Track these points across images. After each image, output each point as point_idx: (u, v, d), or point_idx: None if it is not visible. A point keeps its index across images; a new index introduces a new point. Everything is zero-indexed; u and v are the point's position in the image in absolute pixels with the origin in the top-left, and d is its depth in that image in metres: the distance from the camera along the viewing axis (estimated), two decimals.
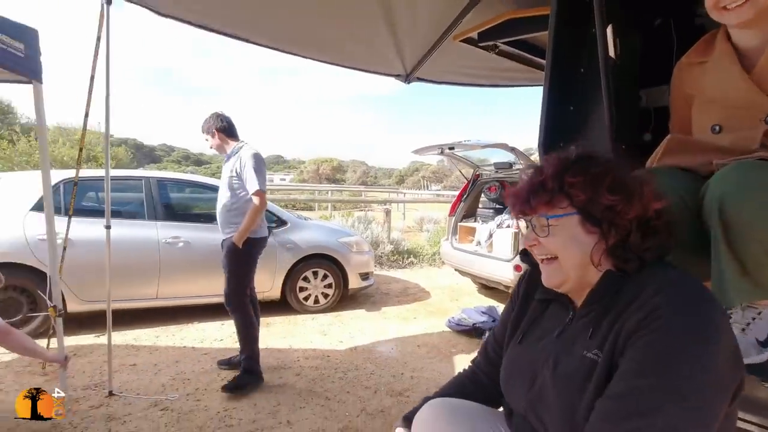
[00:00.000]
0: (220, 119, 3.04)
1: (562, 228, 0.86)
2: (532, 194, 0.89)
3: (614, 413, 0.71)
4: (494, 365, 1.09)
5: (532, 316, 1.01)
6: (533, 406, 0.89)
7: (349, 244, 4.90)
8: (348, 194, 21.82)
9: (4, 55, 1.88)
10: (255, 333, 3.04)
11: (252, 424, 2.45)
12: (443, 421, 0.98)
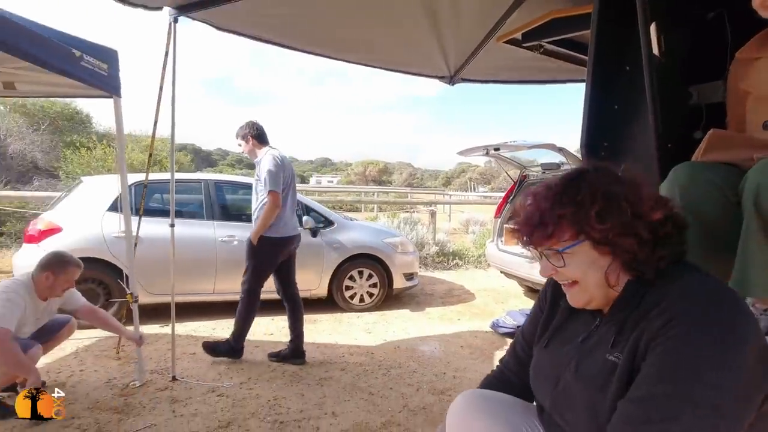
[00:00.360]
0: (255, 127, 3.25)
1: (576, 255, 0.87)
2: (534, 230, 0.90)
3: (635, 417, 0.73)
4: (523, 365, 1.12)
5: (559, 321, 1.03)
6: (557, 405, 0.92)
7: (394, 244, 4.98)
8: (394, 196, 21.96)
9: (93, 75, 2.13)
10: (250, 322, 3.37)
11: (299, 414, 2.58)
12: (476, 410, 1.02)
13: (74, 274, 2.54)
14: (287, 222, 3.24)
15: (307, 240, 4.51)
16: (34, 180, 8.73)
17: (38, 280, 2.44)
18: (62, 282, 2.48)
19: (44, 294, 2.48)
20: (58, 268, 2.46)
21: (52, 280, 2.44)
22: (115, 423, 2.40)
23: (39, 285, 2.44)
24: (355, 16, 2.70)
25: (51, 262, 2.47)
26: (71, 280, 2.54)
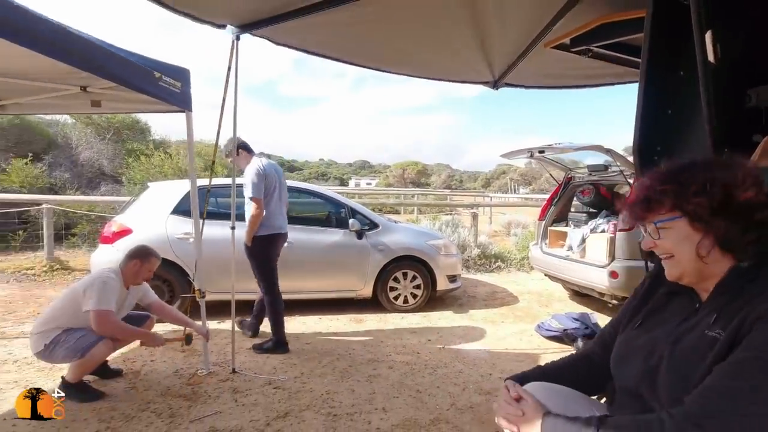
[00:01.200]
0: (239, 141, 3.49)
1: (671, 230, 0.97)
2: (637, 204, 1.02)
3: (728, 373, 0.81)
4: (607, 348, 1.18)
5: (655, 306, 1.11)
6: (649, 378, 0.98)
7: (438, 246, 5.04)
8: (433, 198, 21.91)
9: (169, 93, 2.36)
10: (281, 315, 3.62)
11: (351, 408, 2.70)
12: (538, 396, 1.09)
13: (155, 264, 2.89)
14: (273, 222, 3.58)
15: (352, 242, 4.67)
16: (101, 185, 9.46)
17: (126, 268, 2.79)
18: (145, 270, 2.81)
19: (129, 281, 2.81)
20: (144, 257, 2.82)
21: (138, 267, 2.80)
22: (185, 409, 2.61)
23: (126, 273, 2.78)
24: (401, 30, 2.80)
25: (138, 251, 2.84)
26: (152, 269, 2.87)
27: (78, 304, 2.60)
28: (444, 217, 10.89)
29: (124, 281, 2.78)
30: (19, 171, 8.54)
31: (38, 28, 1.73)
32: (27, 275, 6.15)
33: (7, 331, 3.93)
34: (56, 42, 1.80)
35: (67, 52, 1.87)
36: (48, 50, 1.79)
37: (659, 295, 1.11)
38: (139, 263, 2.82)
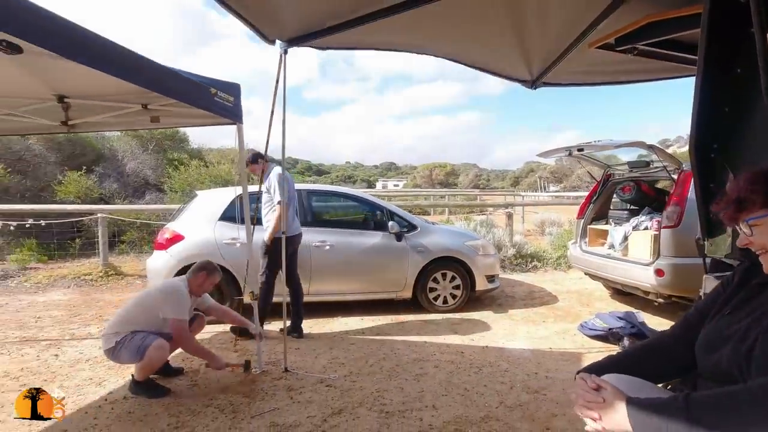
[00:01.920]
0: (257, 152, 3.94)
1: (764, 226, 1.04)
2: (731, 204, 1.09)
3: None
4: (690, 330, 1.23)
5: (746, 296, 1.15)
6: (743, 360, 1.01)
7: (476, 247, 5.06)
8: (462, 198, 21.78)
9: (224, 108, 2.52)
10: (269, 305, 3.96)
11: (402, 405, 2.78)
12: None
13: (217, 279, 3.13)
14: (290, 224, 3.85)
15: (392, 244, 4.76)
16: (145, 194, 9.94)
17: (193, 280, 3.01)
18: (209, 283, 3.04)
19: (194, 291, 3.02)
20: (210, 271, 3.07)
21: (203, 279, 3.02)
22: (246, 405, 2.76)
23: (193, 283, 3.01)
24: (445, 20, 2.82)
25: (205, 266, 3.08)
26: (215, 283, 3.13)
27: (152, 309, 2.83)
28: (477, 217, 10.86)
29: (189, 291, 2.99)
30: (75, 183, 9.08)
31: (112, 53, 1.89)
32: (85, 280, 6.55)
33: (75, 333, 4.22)
34: (127, 65, 1.96)
35: (137, 73, 2.03)
36: (123, 74, 1.96)
37: (752, 286, 1.15)
38: (205, 275, 3.05)
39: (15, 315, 4.85)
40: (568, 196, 22.25)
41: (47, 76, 2.60)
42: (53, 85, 2.70)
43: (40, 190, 9.42)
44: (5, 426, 2.54)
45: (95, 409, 2.73)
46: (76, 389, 3.01)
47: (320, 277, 4.59)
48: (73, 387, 3.04)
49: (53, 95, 2.82)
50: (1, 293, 5.93)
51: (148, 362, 2.76)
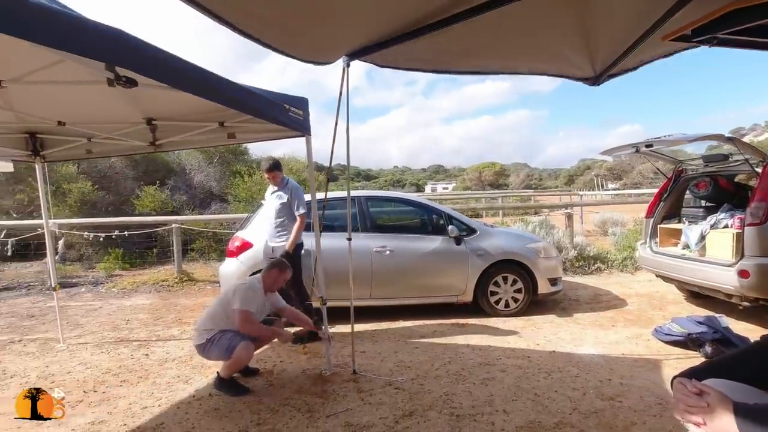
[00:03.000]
0: (274, 159, 4.20)
1: None
2: None
3: None
4: None
5: None
6: None
7: (537, 249, 4.95)
8: (515, 199, 21.23)
9: (296, 122, 2.68)
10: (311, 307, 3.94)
11: (472, 409, 2.79)
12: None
13: (288, 275, 3.35)
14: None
15: (451, 248, 4.76)
16: (211, 204, 10.61)
17: (266, 277, 3.25)
18: (281, 279, 3.28)
19: (267, 288, 3.23)
20: (281, 268, 3.31)
21: (276, 275, 3.26)
22: (320, 405, 2.89)
23: (266, 280, 3.23)
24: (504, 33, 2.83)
25: (278, 263, 3.34)
26: (286, 279, 3.34)
27: (229, 305, 3.04)
28: (533, 218, 10.56)
29: (264, 288, 3.19)
30: (150, 196, 9.87)
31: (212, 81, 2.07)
32: (163, 286, 7.09)
33: (160, 335, 4.59)
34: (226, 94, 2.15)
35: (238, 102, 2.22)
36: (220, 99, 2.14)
37: None
38: (277, 272, 3.28)
39: (108, 318, 5.35)
40: (630, 194, 21.03)
41: (139, 102, 2.90)
42: (144, 109, 3.00)
43: (122, 204, 10.32)
44: (113, 417, 2.83)
45: (185, 404, 2.97)
46: (167, 386, 3.28)
47: (381, 282, 4.69)
48: (164, 384, 3.32)
49: (143, 119, 3.13)
50: (94, 298, 6.56)
51: (235, 361, 2.98)
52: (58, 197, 9.75)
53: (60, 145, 3.85)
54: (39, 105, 2.92)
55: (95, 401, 3.08)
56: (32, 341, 4.52)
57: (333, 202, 5.09)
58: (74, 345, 4.34)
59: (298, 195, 4.16)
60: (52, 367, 3.76)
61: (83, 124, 3.23)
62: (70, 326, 5.02)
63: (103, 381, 3.42)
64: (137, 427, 2.69)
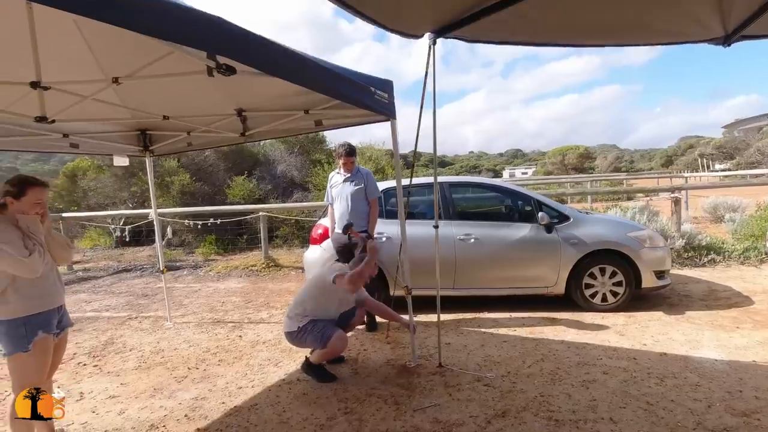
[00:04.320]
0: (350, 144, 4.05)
1: None
2: None
3: None
4: None
5: None
6: None
7: (641, 238, 4.43)
8: (605, 184, 19.56)
9: (381, 105, 2.58)
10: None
11: (572, 414, 2.54)
12: None
13: (374, 272, 3.24)
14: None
15: (541, 236, 4.43)
16: (293, 193, 11.08)
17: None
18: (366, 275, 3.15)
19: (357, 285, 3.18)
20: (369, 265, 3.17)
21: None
22: (406, 398, 2.82)
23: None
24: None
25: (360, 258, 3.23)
26: (372, 275, 3.25)
27: (322, 287, 3.09)
28: (629, 204, 9.60)
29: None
30: (240, 186, 10.54)
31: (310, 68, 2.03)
32: (252, 271, 7.53)
33: (251, 317, 4.85)
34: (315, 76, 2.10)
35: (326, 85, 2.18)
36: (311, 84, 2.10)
37: None
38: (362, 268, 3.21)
39: (206, 299, 5.79)
40: (746, 175, 18.34)
41: (232, 93, 2.99)
42: (236, 100, 3.10)
43: (215, 194, 11.15)
44: (213, 395, 3.01)
45: (276, 387, 3.07)
46: (259, 368, 3.43)
47: (465, 272, 4.50)
48: (257, 366, 3.48)
49: (234, 110, 3.23)
50: (194, 280, 7.16)
51: (330, 350, 3.01)
52: (162, 189, 10.78)
53: (165, 140, 4.17)
54: (147, 100, 3.13)
55: (197, 378, 3.31)
56: (146, 318, 5.02)
57: (414, 188, 4.97)
58: (179, 323, 4.73)
59: (372, 180, 4.11)
60: (162, 343, 4.12)
61: (184, 118, 3.42)
62: (175, 306, 5.49)
63: (204, 359, 3.67)
64: (234, 407, 2.83)
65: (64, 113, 2.68)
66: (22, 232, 2.15)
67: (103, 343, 4.20)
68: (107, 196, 11.30)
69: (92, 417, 2.80)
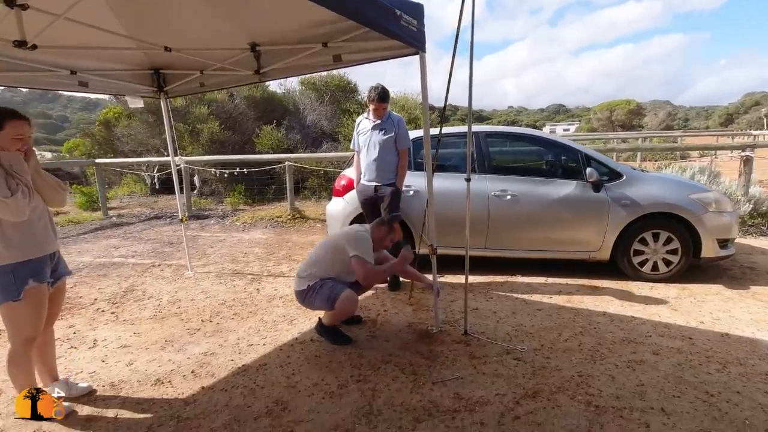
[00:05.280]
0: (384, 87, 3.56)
1: None
2: None
3: None
4: None
5: None
6: None
7: (705, 201, 3.87)
8: (658, 141, 18.07)
9: (408, 33, 2.14)
10: None
11: (616, 400, 2.22)
12: None
13: (396, 237, 3.07)
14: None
15: (588, 195, 3.95)
16: (323, 143, 10.75)
17: (375, 232, 2.98)
18: (389, 239, 3.02)
19: (376, 245, 2.95)
20: (392, 227, 3.01)
21: (384, 234, 2.98)
22: (425, 368, 2.56)
23: (375, 236, 2.95)
24: None
25: (389, 221, 3.05)
26: (394, 240, 3.05)
27: (338, 254, 2.84)
28: (688, 164, 8.72)
29: (373, 242, 2.93)
30: (268, 135, 10.29)
31: None
32: (278, 222, 7.40)
33: (271, 270, 4.70)
34: None
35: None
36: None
37: None
38: (386, 230, 2.99)
39: (229, 249, 5.70)
40: None
41: (243, 23, 2.63)
42: (248, 33, 2.75)
43: (244, 144, 10.98)
44: (223, 351, 2.87)
45: (288, 347, 2.89)
46: (272, 324, 3.27)
47: (499, 231, 4.11)
48: (271, 322, 3.31)
49: (248, 44, 2.88)
50: (220, 230, 7.11)
51: (338, 312, 2.79)
52: (192, 136, 10.69)
53: (178, 80, 3.90)
54: (147, 28, 2.80)
55: (209, 331, 3.18)
56: (168, 266, 4.98)
57: (446, 139, 4.51)
58: (199, 273, 4.65)
59: (404, 128, 3.71)
60: (180, 293, 4.04)
61: (192, 51, 3.09)
62: (198, 255, 5.43)
63: (219, 312, 3.54)
64: (242, 366, 2.68)
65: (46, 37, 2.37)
66: (4, 170, 1.94)
67: (124, 290, 4.17)
68: (140, 143, 11.35)
69: (101, 366, 2.72)
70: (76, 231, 7.29)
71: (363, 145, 3.77)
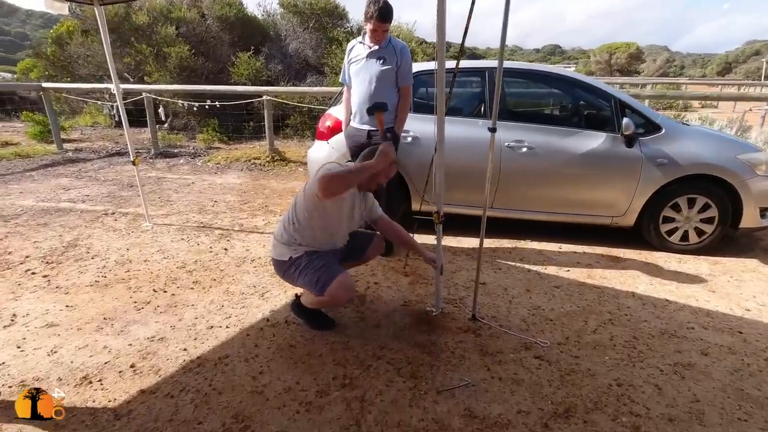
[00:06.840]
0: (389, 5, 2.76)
1: None
2: None
3: None
4: None
5: None
6: None
7: (755, 163, 3.30)
8: (662, 87, 17.19)
9: None
10: None
11: (668, 423, 1.75)
12: None
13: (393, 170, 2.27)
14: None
15: (618, 150, 3.34)
16: (307, 76, 9.67)
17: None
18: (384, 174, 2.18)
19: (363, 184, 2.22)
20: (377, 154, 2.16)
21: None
22: (427, 367, 2.05)
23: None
24: None
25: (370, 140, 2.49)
26: (390, 175, 2.25)
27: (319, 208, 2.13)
28: (694, 114, 8.09)
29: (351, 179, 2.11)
30: (245, 64, 9.14)
31: None
32: (255, 164, 6.65)
33: (244, 224, 4.06)
34: None
35: None
36: None
37: None
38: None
39: (198, 197, 4.99)
40: None
41: None
42: None
43: (218, 72, 9.81)
44: (175, 334, 2.30)
45: (256, 332, 2.34)
46: (240, 298, 2.69)
47: (509, 188, 3.51)
48: (238, 295, 2.73)
49: None
50: (190, 171, 6.33)
51: (329, 299, 2.15)
52: (159, 61, 9.48)
53: None
54: None
55: (162, 306, 2.59)
56: (123, 215, 4.29)
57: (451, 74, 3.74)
58: (159, 225, 4.00)
59: (408, 59, 2.92)
60: (132, 251, 3.40)
61: None
62: (161, 202, 4.74)
63: (176, 278, 2.94)
64: (198, 358, 2.12)
65: None
66: None
67: (65, 246, 3.51)
68: (99, 66, 10.05)
69: (14, 355, 2.13)
70: (23, 166, 6.42)
71: (355, 76, 3.00)
